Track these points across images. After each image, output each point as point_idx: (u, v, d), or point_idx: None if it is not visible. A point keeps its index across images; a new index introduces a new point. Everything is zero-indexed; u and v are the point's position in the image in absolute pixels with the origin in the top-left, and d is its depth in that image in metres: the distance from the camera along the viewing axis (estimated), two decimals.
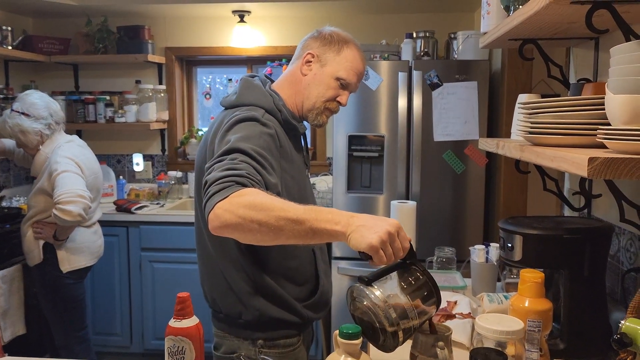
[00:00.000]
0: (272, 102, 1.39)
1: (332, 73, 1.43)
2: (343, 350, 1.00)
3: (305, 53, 1.45)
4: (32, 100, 2.51)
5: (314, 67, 1.45)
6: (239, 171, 1.15)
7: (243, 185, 1.12)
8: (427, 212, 2.83)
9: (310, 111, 1.46)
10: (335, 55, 1.44)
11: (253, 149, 1.22)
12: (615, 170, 0.89)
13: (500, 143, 1.52)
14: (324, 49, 1.45)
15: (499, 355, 0.97)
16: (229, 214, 1.08)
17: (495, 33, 1.61)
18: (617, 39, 1.18)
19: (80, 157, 2.51)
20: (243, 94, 1.41)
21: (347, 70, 1.44)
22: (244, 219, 1.07)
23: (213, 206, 1.10)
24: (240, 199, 1.09)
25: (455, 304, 1.58)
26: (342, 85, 1.45)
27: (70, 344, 2.59)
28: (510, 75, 2.64)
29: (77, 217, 2.32)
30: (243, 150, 1.20)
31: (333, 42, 1.45)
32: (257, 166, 1.20)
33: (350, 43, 1.47)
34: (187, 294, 1.03)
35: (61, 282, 2.51)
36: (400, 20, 3.56)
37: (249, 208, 1.07)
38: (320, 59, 1.45)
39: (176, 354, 1.01)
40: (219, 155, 1.22)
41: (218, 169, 1.17)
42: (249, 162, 1.19)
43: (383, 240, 1.02)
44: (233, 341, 1.41)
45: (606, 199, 1.57)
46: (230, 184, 1.12)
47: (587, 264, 1.29)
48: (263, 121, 1.31)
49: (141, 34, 3.59)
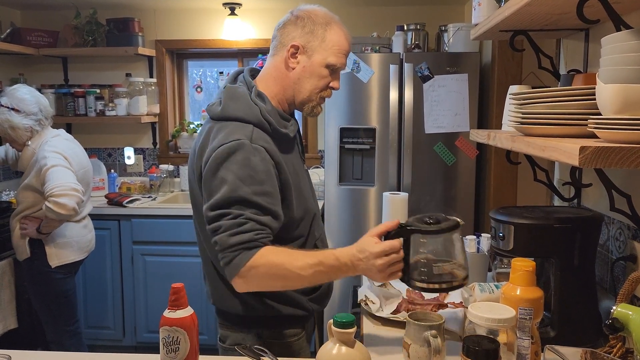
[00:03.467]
0: (258, 113, 1.31)
1: (321, 62, 1.36)
2: (337, 339, 1.01)
3: (289, 45, 1.36)
4: (21, 95, 2.47)
5: (301, 59, 1.37)
6: (246, 234, 1.21)
7: (253, 248, 1.21)
8: (419, 203, 2.84)
9: (304, 104, 1.40)
10: (321, 42, 1.36)
11: (254, 193, 1.23)
12: (606, 159, 0.89)
13: (491, 134, 1.53)
14: (308, 37, 1.36)
15: (491, 342, 0.98)
16: (249, 286, 1.25)
17: (487, 24, 1.62)
18: (607, 29, 1.19)
19: (68, 152, 2.48)
20: (228, 106, 1.33)
21: (336, 54, 1.37)
22: (264, 287, 1.27)
23: (232, 278, 1.24)
24: (255, 272, 1.21)
25: (447, 293, 1.59)
26: (332, 70, 1.39)
27: (61, 338, 2.58)
28: (501, 67, 2.65)
29: (72, 210, 2.30)
30: (244, 199, 1.22)
31: (315, 28, 1.36)
32: (261, 216, 1.23)
33: (331, 23, 1.38)
34: (181, 285, 1.03)
35: (50, 276, 2.50)
36: (391, 13, 3.55)
37: (264, 280, 1.23)
38: (305, 49, 1.36)
39: (171, 344, 1.01)
40: (220, 203, 1.23)
41: (225, 231, 1.22)
42: (252, 218, 1.22)
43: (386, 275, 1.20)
44: (238, 334, 1.42)
45: (596, 189, 1.59)
46: (239, 252, 1.21)
47: (577, 253, 1.31)
48: (253, 146, 1.26)
49: (131, 27, 3.56)
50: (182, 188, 3.72)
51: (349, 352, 1.00)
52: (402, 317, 1.44)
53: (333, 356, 1.00)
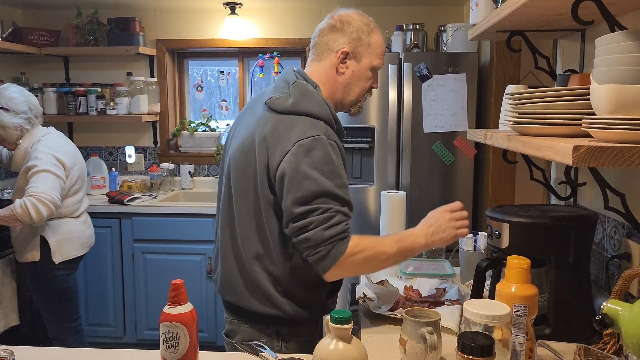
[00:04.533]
0: (328, 112, 1.38)
1: (368, 65, 1.45)
2: (334, 335, 1.02)
3: (339, 52, 1.42)
4: (10, 94, 2.46)
5: (350, 65, 1.43)
6: (338, 226, 1.29)
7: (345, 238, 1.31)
8: (417, 202, 2.86)
9: (353, 105, 1.51)
10: (367, 47, 1.44)
11: (336, 186, 1.30)
12: (599, 158, 0.91)
13: (488, 133, 1.55)
14: (355, 43, 1.43)
15: (486, 339, 1.00)
16: (344, 273, 1.35)
17: (484, 25, 1.63)
18: (602, 30, 1.20)
19: (61, 150, 2.49)
20: (300, 102, 1.36)
21: (379, 57, 1.47)
22: (361, 271, 1.44)
23: (328, 270, 1.31)
24: (352, 261, 1.31)
25: (444, 291, 1.61)
26: (376, 72, 1.50)
27: (63, 335, 2.60)
28: (499, 67, 2.66)
29: (40, 220, 2.32)
30: (329, 192, 1.29)
31: (361, 34, 1.43)
32: (344, 207, 1.32)
33: (373, 28, 1.47)
34: (181, 281, 1.05)
35: (53, 273, 2.52)
36: (390, 13, 3.57)
37: (360, 265, 1.34)
38: (354, 54, 1.43)
39: (171, 340, 1.03)
40: (309, 198, 1.28)
41: (318, 225, 1.28)
42: (340, 211, 1.30)
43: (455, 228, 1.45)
44: (249, 330, 1.43)
45: (591, 188, 1.61)
46: (335, 243, 1.29)
47: (572, 251, 1.32)
48: (329, 142, 1.33)
49: (132, 26, 3.57)
50: (183, 187, 3.74)
51: (346, 347, 1.01)
52: (400, 314, 1.46)
53: (330, 352, 1.02)
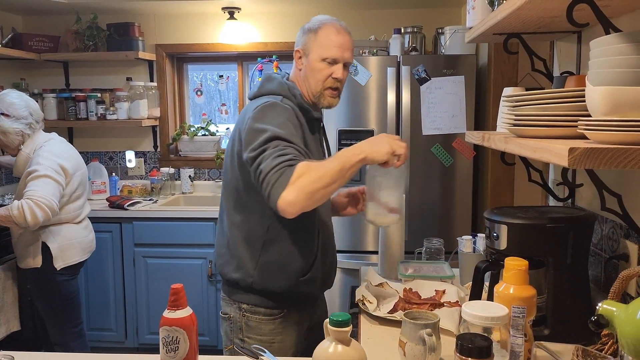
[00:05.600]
0: (287, 89, 1.57)
1: (317, 57, 1.56)
2: (333, 337, 1.03)
3: (295, 51, 1.62)
4: (10, 100, 2.47)
5: (303, 60, 1.60)
6: (288, 155, 1.37)
7: (294, 164, 1.35)
8: (416, 204, 2.87)
9: (316, 97, 1.60)
10: (314, 41, 1.57)
11: (288, 134, 1.42)
12: (595, 159, 0.91)
13: (485, 135, 1.56)
14: (304, 40, 1.59)
15: (484, 340, 1.00)
16: (300, 196, 1.34)
17: (481, 28, 1.64)
18: (598, 32, 1.21)
19: (64, 155, 2.50)
20: (264, 86, 1.60)
21: (327, 47, 1.55)
22: (313, 193, 1.35)
23: (279, 196, 1.34)
24: (302, 180, 1.34)
25: (444, 293, 1.61)
26: (330, 62, 1.56)
27: (65, 340, 2.60)
28: (497, 69, 2.67)
29: (34, 225, 2.33)
30: (282, 137, 1.41)
31: (310, 30, 1.59)
32: (295, 148, 1.41)
33: (324, 23, 1.59)
34: (180, 285, 1.06)
35: (55, 279, 2.52)
36: (388, 16, 3.58)
37: (312, 183, 1.34)
38: (304, 51, 1.59)
39: (170, 344, 1.03)
40: (261, 143, 1.41)
41: (269, 157, 1.38)
42: (293, 146, 1.41)
43: (392, 145, 1.39)
44: (227, 304, 1.62)
45: (588, 189, 1.61)
46: (284, 169, 1.35)
47: (570, 252, 1.33)
48: (284, 104, 1.51)
49: (131, 31, 3.59)
50: (183, 191, 3.75)
51: (345, 350, 1.02)
52: (399, 316, 1.47)
53: (329, 355, 1.02)
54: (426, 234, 2.19)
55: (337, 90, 1.62)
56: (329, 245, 1.66)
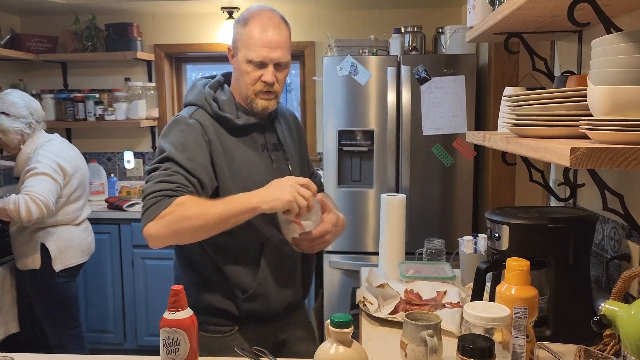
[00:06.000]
0: (204, 99, 1.46)
1: (243, 59, 1.43)
2: (334, 339, 1.02)
3: (227, 48, 1.51)
4: (11, 99, 2.49)
5: (234, 61, 1.48)
6: (171, 184, 1.31)
7: (173, 197, 1.29)
8: (417, 204, 2.86)
9: (248, 102, 1.47)
10: (240, 41, 1.44)
11: (185, 158, 1.34)
12: (597, 159, 0.91)
13: (486, 135, 1.55)
14: (234, 39, 1.47)
15: (486, 341, 1.00)
16: (164, 232, 1.29)
17: (481, 27, 1.64)
18: (599, 32, 1.21)
19: (63, 156, 2.50)
20: (187, 95, 1.52)
21: (252, 48, 1.41)
22: (180, 232, 1.30)
23: (145, 225, 1.31)
24: (172, 217, 1.28)
25: (445, 294, 1.61)
26: (258, 65, 1.42)
27: (63, 342, 2.60)
28: (497, 69, 2.67)
29: (29, 221, 2.33)
30: (175, 159, 1.34)
31: (237, 28, 1.46)
32: (188, 175, 1.34)
33: (249, 19, 1.44)
34: (180, 287, 1.05)
35: (54, 281, 2.51)
36: (388, 16, 3.57)
37: (181, 222, 1.28)
38: (233, 49, 1.48)
39: (171, 345, 1.03)
40: (156, 161, 1.37)
41: (154, 179, 1.33)
42: (181, 173, 1.33)
43: (294, 194, 1.28)
44: None
45: (590, 189, 1.61)
46: (161, 198, 1.29)
47: (572, 252, 1.32)
48: (189, 121, 1.41)
49: (130, 32, 3.58)
50: None
51: (347, 351, 1.01)
52: (400, 317, 1.46)
53: (331, 356, 1.02)
54: (426, 235, 2.18)
55: (271, 92, 1.46)
56: (281, 260, 1.49)
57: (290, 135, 1.63)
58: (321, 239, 1.41)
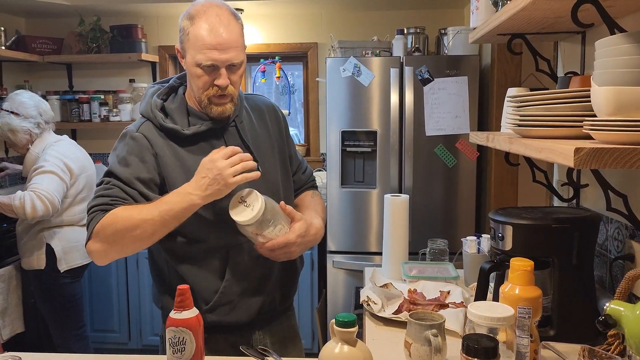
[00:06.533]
0: (149, 109, 1.37)
1: (191, 61, 1.29)
2: (339, 338, 1.03)
3: (175, 48, 1.38)
4: (21, 99, 2.53)
5: (184, 62, 1.34)
6: (107, 198, 1.28)
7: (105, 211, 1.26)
8: (420, 205, 2.86)
9: (202, 106, 1.36)
10: (188, 41, 1.30)
11: (124, 172, 1.31)
12: (601, 160, 0.91)
13: (490, 136, 1.56)
14: (181, 38, 1.33)
15: (490, 341, 1.00)
16: (104, 248, 1.28)
17: (484, 28, 1.64)
18: (602, 32, 1.21)
19: (71, 156, 2.52)
20: (139, 106, 1.45)
21: (200, 51, 1.27)
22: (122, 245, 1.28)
23: (86, 243, 1.30)
24: (107, 231, 1.25)
25: (448, 293, 1.61)
26: (208, 68, 1.29)
27: (68, 342, 2.61)
28: (500, 69, 2.67)
29: (33, 218, 2.34)
30: (115, 173, 1.31)
31: (184, 26, 1.32)
32: (126, 187, 1.30)
33: (198, 17, 1.29)
34: (186, 286, 1.06)
35: (58, 281, 2.53)
36: (391, 17, 3.58)
37: (117, 234, 1.25)
38: (183, 51, 1.34)
39: (177, 345, 1.04)
40: (103, 175, 1.36)
41: (95, 193, 1.32)
42: (119, 185, 1.30)
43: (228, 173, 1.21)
44: None
45: (593, 189, 1.61)
46: (97, 214, 1.27)
47: (576, 252, 1.32)
48: (134, 134, 1.35)
49: (134, 33, 3.59)
50: None
51: (351, 351, 1.02)
52: (404, 317, 1.46)
53: (335, 355, 1.02)
54: (429, 235, 2.18)
55: (225, 96, 1.33)
56: (251, 266, 1.38)
57: (265, 131, 1.49)
58: (283, 249, 1.29)
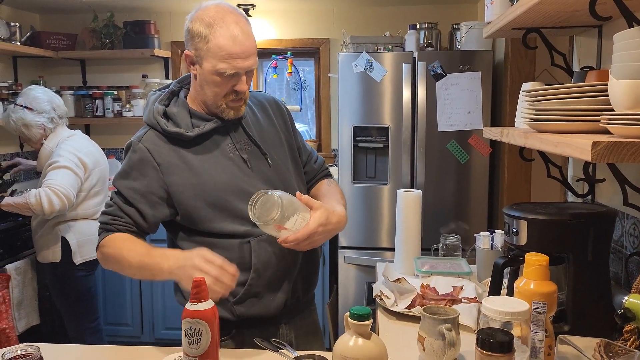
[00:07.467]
0: (152, 117, 1.37)
1: (211, 69, 1.29)
2: (354, 331, 1.03)
3: (184, 54, 1.35)
4: (35, 94, 2.56)
5: (197, 68, 1.33)
6: (108, 216, 1.37)
7: (110, 231, 1.36)
8: (432, 201, 2.86)
9: (215, 109, 1.36)
10: (207, 50, 1.28)
11: (125, 186, 1.36)
12: (618, 154, 0.91)
13: (504, 131, 1.55)
14: (195, 43, 1.30)
15: (505, 335, 1.00)
16: (102, 261, 1.40)
17: (499, 22, 1.63)
18: (620, 26, 1.20)
19: (84, 151, 2.55)
20: (144, 112, 1.46)
21: (223, 60, 1.27)
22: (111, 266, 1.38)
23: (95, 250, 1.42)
24: (105, 252, 1.36)
25: (461, 289, 1.61)
26: (229, 75, 1.29)
27: (82, 334, 2.64)
28: (514, 65, 2.65)
29: (51, 213, 2.37)
30: (117, 189, 1.38)
31: (199, 33, 1.29)
32: (124, 205, 1.36)
33: (217, 25, 1.27)
34: (202, 278, 1.06)
35: (73, 274, 2.56)
36: (403, 12, 3.57)
37: (109, 261, 1.37)
38: (195, 57, 1.31)
39: (193, 336, 1.04)
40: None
41: (103, 208, 1.43)
42: (117, 203, 1.37)
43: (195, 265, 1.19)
44: None
45: (609, 185, 1.60)
46: (101, 232, 1.38)
47: (591, 248, 1.31)
48: (137, 146, 1.37)
49: (147, 29, 3.61)
50: None
51: (366, 343, 1.02)
52: (417, 311, 1.47)
53: (350, 348, 1.02)
54: (442, 231, 2.18)
55: (242, 99, 1.36)
56: (275, 259, 1.39)
57: (270, 125, 1.49)
58: (307, 240, 1.28)
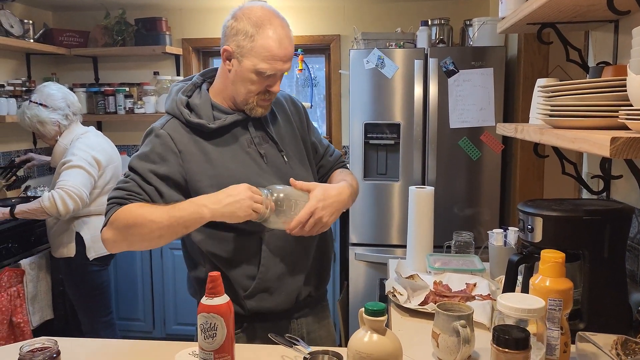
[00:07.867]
0: (175, 106, 1.40)
1: (251, 67, 1.32)
2: (369, 327, 1.03)
3: (222, 49, 1.36)
4: (49, 91, 2.58)
5: (233, 63, 1.35)
6: (123, 191, 1.32)
7: (124, 204, 1.30)
8: (444, 198, 2.85)
9: (244, 106, 1.40)
10: (250, 48, 1.32)
11: (146, 168, 1.34)
12: (638, 150, 0.90)
13: (518, 127, 1.54)
14: (238, 40, 1.33)
15: (521, 331, 0.99)
16: (116, 237, 1.30)
17: (514, 17, 1.62)
18: (637, 20, 1.18)
19: (98, 148, 2.57)
20: (165, 103, 1.47)
21: (266, 60, 1.31)
22: (130, 240, 1.30)
23: (102, 230, 1.33)
24: (119, 222, 1.29)
25: (475, 286, 1.61)
26: (267, 75, 1.34)
27: (96, 329, 2.67)
28: (527, 60, 2.63)
29: (66, 214, 2.39)
30: (135, 168, 1.35)
31: (247, 30, 1.32)
32: (143, 183, 1.33)
33: (265, 26, 1.32)
34: (217, 273, 1.07)
35: (87, 269, 2.58)
36: (415, 8, 3.55)
37: (128, 229, 1.28)
38: (236, 53, 1.34)
39: (208, 330, 1.05)
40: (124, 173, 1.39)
41: (115, 185, 1.36)
42: (136, 180, 1.33)
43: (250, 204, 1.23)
44: None
45: (625, 182, 1.58)
46: (113, 206, 1.31)
47: (607, 245, 1.30)
48: (159, 132, 1.38)
49: (158, 26, 3.63)
50: None
51: (381, 339, 1.02)
52: (430, 308, 1.46)
53: (365, 343, 1.02)
54: (453, 228, 2.17)
55: (271, 99, 1.41)
56: (286, 251, 1.41)
57: (287, 122, 1.53)
58: (312, 220, 1.30)
